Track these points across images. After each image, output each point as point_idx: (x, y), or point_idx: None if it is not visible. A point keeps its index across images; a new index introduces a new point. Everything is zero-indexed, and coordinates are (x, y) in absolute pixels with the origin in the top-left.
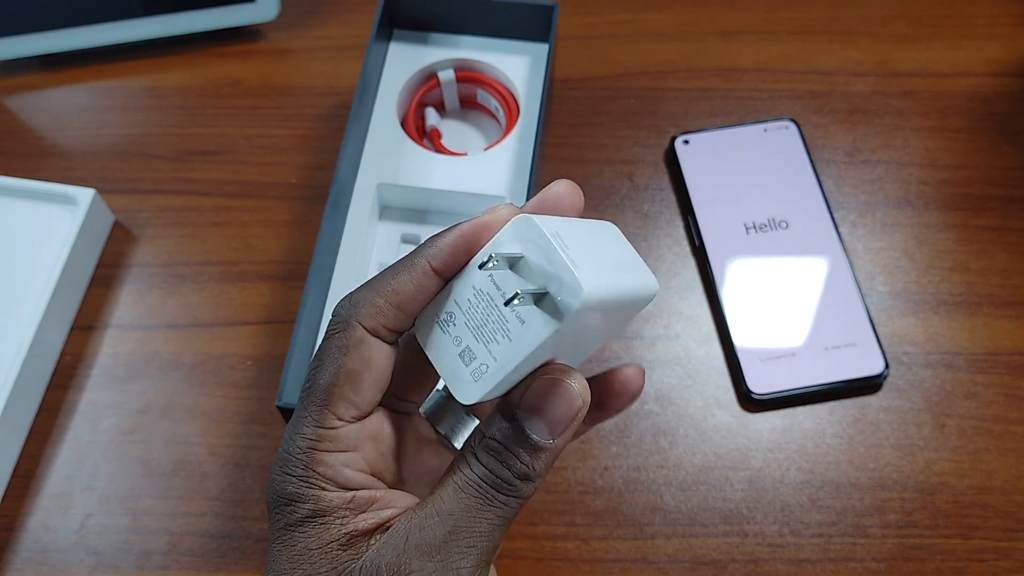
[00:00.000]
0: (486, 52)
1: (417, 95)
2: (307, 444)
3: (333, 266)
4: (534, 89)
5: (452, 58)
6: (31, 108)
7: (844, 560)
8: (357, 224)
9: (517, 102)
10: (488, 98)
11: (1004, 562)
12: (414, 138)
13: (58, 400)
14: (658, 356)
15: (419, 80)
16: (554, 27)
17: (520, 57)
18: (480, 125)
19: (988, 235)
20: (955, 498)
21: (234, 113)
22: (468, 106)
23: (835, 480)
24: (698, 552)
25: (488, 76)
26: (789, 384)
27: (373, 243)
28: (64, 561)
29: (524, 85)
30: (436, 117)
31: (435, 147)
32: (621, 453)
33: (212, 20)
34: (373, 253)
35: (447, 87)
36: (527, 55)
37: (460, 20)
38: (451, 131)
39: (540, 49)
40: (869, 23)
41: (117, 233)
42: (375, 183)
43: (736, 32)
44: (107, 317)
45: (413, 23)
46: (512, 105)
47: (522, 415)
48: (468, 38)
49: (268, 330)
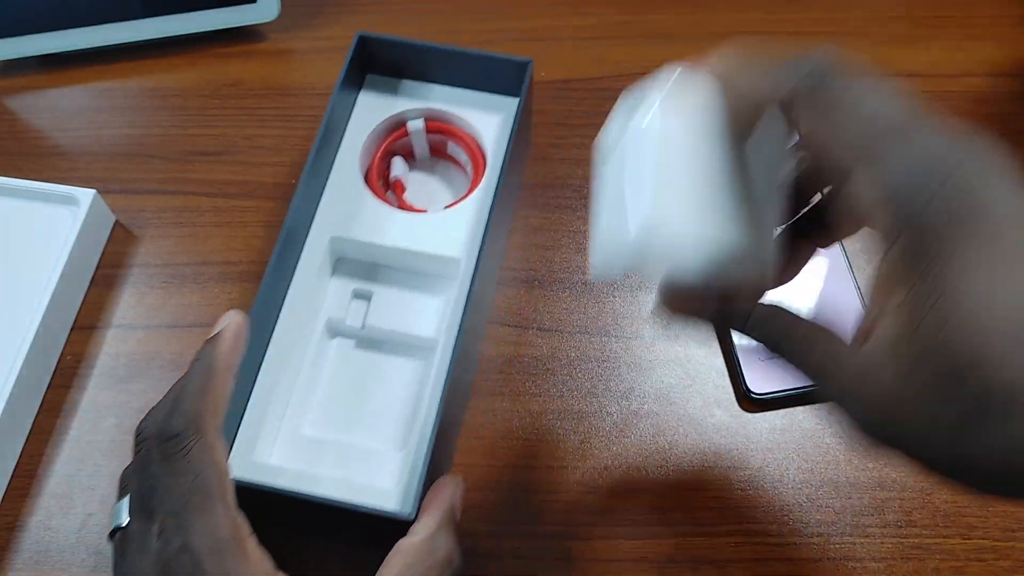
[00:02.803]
0: (460, 104)
1: (384, 143)
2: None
3: (275, 320)
4: (502, 146)
5: (423, 107)
6: (31, 108)
7: (843, 559)
8: (307, 277)
9: (485, 158)
10: (458, 151)
11: (1003, 562)
12: (376, 189)
13: (59, 400)
14: (658, 356)
15: (387, 128)
16: (527, 83)
17: (493, 112)
18: (448, 177)
19: None
20: (954, 497)
21: (235, 114)
22: (439, 155)
23: (834, 479)
24: (698, 552)
25: (458, 128)
26: (789, 384)
27: (324, 298)
28: (65, 561)
29: (493, 141)
30: (403, 167)
31: (397, 200)
32: (621, 453)
33: (212, 21)
34: (323, 308)
35: (416, 136)
36: (500, 110)
37: (435, 69)
38: (417, 183)
39: (513, 104)
40: (869, 23)
41: (118, 233)
42: (328, 236)
43: (736, 32)
44: (108, 317)
45: (386, 69)
46: (480, 160)
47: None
48: (442, 88)
49: None
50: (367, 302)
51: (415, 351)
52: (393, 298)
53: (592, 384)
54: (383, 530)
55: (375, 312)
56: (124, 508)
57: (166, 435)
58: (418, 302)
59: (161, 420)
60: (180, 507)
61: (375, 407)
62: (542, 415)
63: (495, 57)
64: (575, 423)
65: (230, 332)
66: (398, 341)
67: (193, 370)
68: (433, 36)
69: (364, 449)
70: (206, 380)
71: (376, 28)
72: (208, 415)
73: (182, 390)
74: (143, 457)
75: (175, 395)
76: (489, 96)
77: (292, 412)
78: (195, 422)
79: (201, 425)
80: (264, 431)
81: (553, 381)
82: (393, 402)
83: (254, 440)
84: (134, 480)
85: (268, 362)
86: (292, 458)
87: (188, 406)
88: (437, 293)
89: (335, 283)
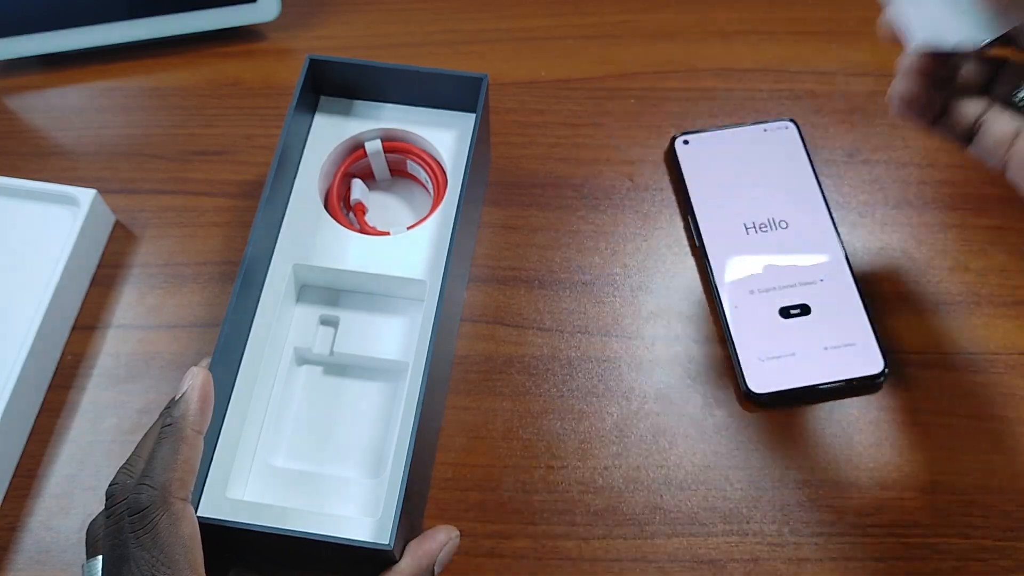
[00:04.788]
0: (416, 122)
1: (343, 166)
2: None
3: (242, 351)
4: (462, 162)
5: (380, 127)
6: (32, 108)
7: (844, 559)
8: (272, 306)
9: (446, 175)
10: (417, 169)
11: (1004, 561)
12: (336, 213)
13: (59, 400)
14: (658, 356)
15: (345, 150)
16: (482, 99)
17: (450, 128)
18: (410, 197)
19: (988, 235)
20: (954, 497)
21: (235, 113)
22: (399, 174)
23: (834, 479)
24: (698, 551)
25: (416, 147)
26: (788, 383)
27: (290, 326)
28: (66, 561)
29: (452, 157)
30: (363, 190)
31: (358, 223)
32: (621, 453)
33: (213, 20)
34: (289, 337)
35: (375, 157)
36: (457, 126)
37: (389, 89)
38: (379, 204)
39: (471, 119)
40: (869, 23)
41: (118, 233)
42: (291, 263)
43: (736, 32)
44: (108, 317)
45: (339, 90)
46: (440, 178)
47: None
48: (397, 107)
49: None
50: (334, 328)
51: (384, 375)
52: (360, 323)
53: (592, 384)
54: (362, 560)
55: (342, 338)
56: (98, 570)
57: (133, 509)
58: (385, 325)
59: (131, 489)
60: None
61: (347, 434)
62: (542, 415)
63: (449, 74)
64: (575, 423)
65: (196, 394)
66: (367, 366)
67: (161, 436)
68: (431, 36)
69: (338, 478)
70: (175, 448)
71: (374, 28)
72: (176, 485)
73: (151, 459)
74: (113, 524)
75: (144, 462)
76: (445, 113)
77: (264, 444)
78: (162, 494)
79: (167, 497)
80: (236, 466)
81: (553, 381)
82: (364, 428)
83: (227, 475)
84: (106, 544)
85: (237, 395)
86: (266, 492)
87: (156, 478)
88: (404, 314)
89: (300, 310)
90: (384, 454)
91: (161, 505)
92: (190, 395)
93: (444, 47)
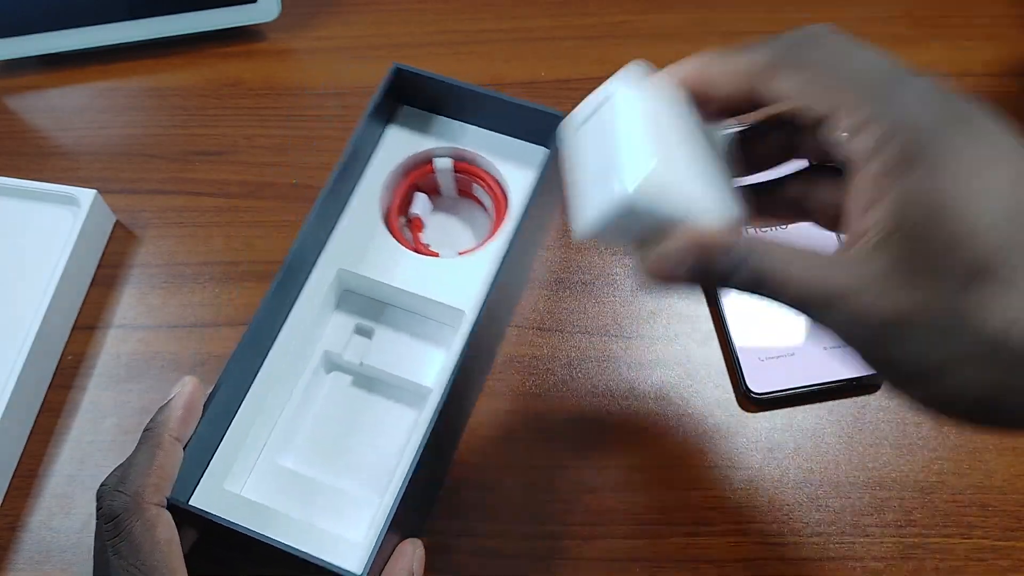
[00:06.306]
0: (490, 148)
1: (409, 177)
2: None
3: (270, 346)
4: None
5: (453, 146)
6: (32, 108)
7: (843, 559)
8: (310, 306)
9: (507, 206)
10: (482, 194)
11: (1003, 561)
12: (393, 225)
13: (60, 400)
14: (658, 356)
15: (414, 163)
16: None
17: (523, 160)
18: (472, 220)
19: None
20: (954, 497)
21: (235, 113)
22: (464, 195)
23: (834, 479)
24: (698, 552)
25: (486, 172)
26: (788, 383)
27: (324, 329)
28: (66, 561)
29: (520, 191)
30: (425, 205)
31: (412, 238)
32: (621, 453)
33: (213, 20)
34: (322, 339)
35: (443, 175)
36: (530, 159)
37: (469, 110)
38: (439, 222)
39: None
40: (869, 24)
41: (118, 233)
42: (336, 267)
43: (737, 32)
44: (109, 317)
45: (420, 102)
46: (502, 208)
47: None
48: (472, 128)
49: None
50: (368, 339)
51: (409, 396)
52: (395, 340)
53: (592, 384)
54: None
55: (375, 351)
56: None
57: (108, 516)
58: (420, 348)
59: (107, 495)
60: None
61: (359, 448)
62: (542, 415)
63: (531, 107)
64: (575, 423)
65: (181, 402)
66: (394, 383)
67: (140, 441)
68: (431, 36)
69: (342, 492)
70: (151, 454)
71: (374, 28)
72: (150, 491)
73: (127, 465)
74: (97, 530)
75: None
76: (520, 143)
77: (274, 443)
78: (135, 500)
79: (140, 503)
80: (240, 459)
81: (553, 381)
82: (380, 446)
83: (229, 467)
84: (96, 543)
85: (256, 387)
86: (264, 490)
87: (129, 484)
88: (440, 342)
89: (338, 316)
90: (391, 477)
91: (135, 511)
92: (175, 402)
93: (444, 47)
